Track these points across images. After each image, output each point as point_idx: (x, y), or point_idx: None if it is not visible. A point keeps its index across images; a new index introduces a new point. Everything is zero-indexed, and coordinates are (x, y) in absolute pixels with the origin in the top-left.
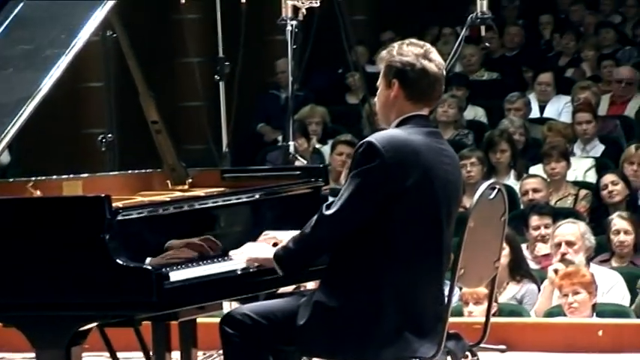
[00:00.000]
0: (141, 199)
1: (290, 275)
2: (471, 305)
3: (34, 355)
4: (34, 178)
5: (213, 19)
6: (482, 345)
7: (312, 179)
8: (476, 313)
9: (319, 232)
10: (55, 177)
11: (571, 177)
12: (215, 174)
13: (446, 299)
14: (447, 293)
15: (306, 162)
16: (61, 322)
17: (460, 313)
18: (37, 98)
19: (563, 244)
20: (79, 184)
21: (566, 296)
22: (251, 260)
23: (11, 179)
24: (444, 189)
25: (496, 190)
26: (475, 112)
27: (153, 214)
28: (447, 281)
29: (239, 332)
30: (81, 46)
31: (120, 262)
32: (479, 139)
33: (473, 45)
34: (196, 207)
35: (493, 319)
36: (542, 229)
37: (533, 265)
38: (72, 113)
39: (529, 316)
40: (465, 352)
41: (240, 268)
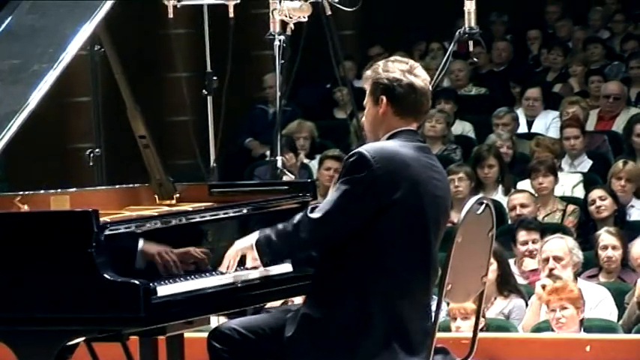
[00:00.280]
0: (128, 213)
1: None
2: (458, 320)
3: None
4: (21, 193)
5: (201, 34)
6: None
7: (300, 194)
8: (463, 328)
9: (302, 235)
10: (42, 191)
11: (559, 192)
12: (203, 189)
13: (433, 314)
14: (434, 308)
15: (293, 177)
16: (49, 336)
17: (448, 328)
18: (25, 112)
19: (551, 260)
20: (67, 198)
21: (553, 311)
22: (233, 252)
23: None
24: (433, 204)
25: (484, 205)
26: (463, 127)
27: (140, 229)
28: (434, 296)
29: (227, 347)
30: (69, 61)
31: (107, 276)
32: (467, 154)
33: (461, 60)
34: (184, 222)
35: (481, 335)
36: (530, 244)
37: (520, 280)
38: (59, 128)
39: (517, 331)
40: None
41: (227, 283)
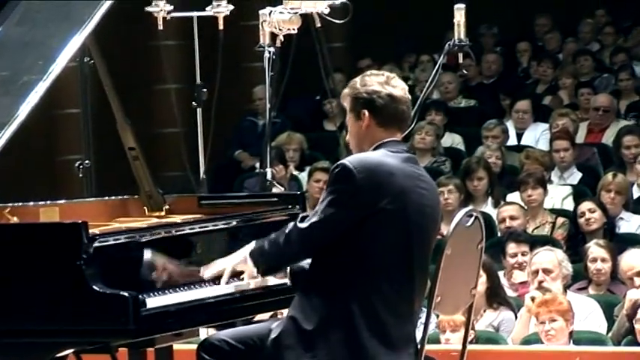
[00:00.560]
0: (118, 225)
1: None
2: (447, 333)
3: None
4: (10, 204)
5: (191, 46)
6: None
7: (290, 206)
8: (453, 341)
9: (292, 245)
10: (32, 203)
11: (548, 204)
12: (192, 200)
13: (422, 326)
14: (423, 320)
15: (283, 189)
16: (38, 348)
17: (437, 341)
18: (14, 125)
19: (540, 272)
20: (56, 210)
21: (543, 324)
22: (229, 267)
23: None
24: (418, 212)
25: (473, 217)
26: (452, 140)
27: (130, 240)
28: (424, 308)
29: (217, 358)
30: (58, 73)
31: (96, 288)
32: (456, 167)
33: (450, 72)
34: (173, 234)
35: (470, 347)
36: (520, 256)
37: (510, 292)
38: (49, 140)
39: (506, 343)
40: None
41: (217, 295)
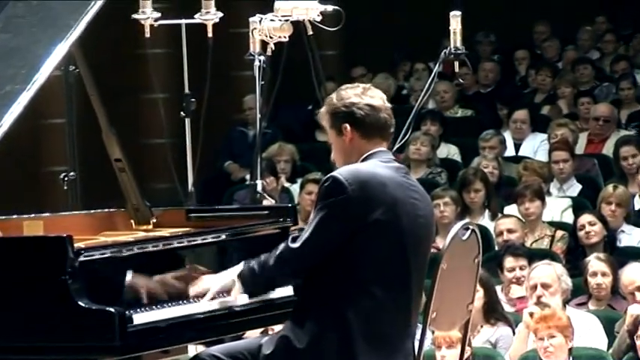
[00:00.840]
0: (104, 239)
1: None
2: (443, 349)
3: None
4: None
5: (179, 54)
6: None
7: (281, 219)
8: (449, 358)
9: (284, 266)
10: (15, 216)
11: (547, 217)
12: (180, 213)
13: (418, 342)
14: (418, 335)
15: (274, 201)
16: None
17: (433, 358)
18: None
19: (539, 287)
20: (41, 223)
21: (541, 340)
22: (208, 286)
23: None
24: (413, 223)
25: (470, 230)
26: (448, 150)
27: (116, 254)
28: (419, 324)
29: None
30: (43, 82)
31: (82, 304)
32: (452, 178)
33: (446, 81)
34: (161, 247)
35: None
36: (518, 270)
37: (507, 307)
38: (33, 150)
39: None
40: None
41: (206, 311)
